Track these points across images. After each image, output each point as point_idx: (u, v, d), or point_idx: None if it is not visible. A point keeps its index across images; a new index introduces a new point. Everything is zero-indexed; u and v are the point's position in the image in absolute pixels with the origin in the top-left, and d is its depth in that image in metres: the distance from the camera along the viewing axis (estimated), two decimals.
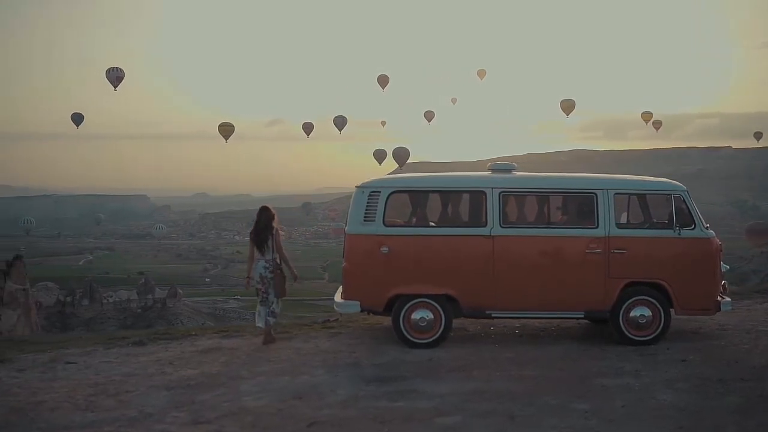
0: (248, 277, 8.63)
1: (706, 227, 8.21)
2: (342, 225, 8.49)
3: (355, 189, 8.39)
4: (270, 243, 8.53)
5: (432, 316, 8.07)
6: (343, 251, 8.41)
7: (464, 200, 8.62)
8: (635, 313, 8.03)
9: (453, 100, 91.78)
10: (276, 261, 8.57)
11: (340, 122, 66.01)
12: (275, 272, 8.52)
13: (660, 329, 8.06)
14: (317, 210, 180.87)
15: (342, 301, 8.32)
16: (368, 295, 8.15)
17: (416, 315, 8.07)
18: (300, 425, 5.66)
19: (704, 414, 5.79)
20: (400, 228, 8.30)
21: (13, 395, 6.56)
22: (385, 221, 8.16)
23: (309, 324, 9.74)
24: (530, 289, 8.07)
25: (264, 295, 8.51)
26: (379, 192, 8.21)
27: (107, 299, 67.28)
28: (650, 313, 8.04)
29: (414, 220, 8.52)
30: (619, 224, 8.18)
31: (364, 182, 8.46)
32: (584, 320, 8.78)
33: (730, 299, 8.39)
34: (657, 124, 79.38)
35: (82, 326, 53.37)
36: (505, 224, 8.11)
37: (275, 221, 8.64)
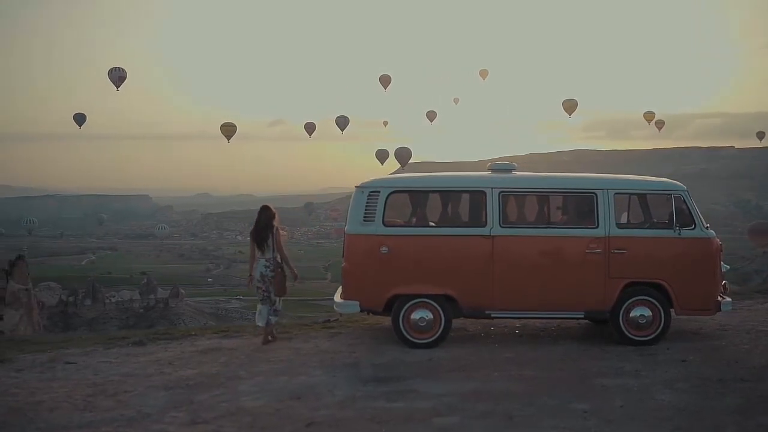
0: (251, 276, 8.64)
1: (707, 227, 8.18)
2: (344, 225, 8.48)
3: (355, 189, 8.37)
4: (270, 242, 8.52)
5: (432, 317, 8.06)
6: (343, 251, 8.41)
7: (464, 200, 8.60)
8: (635, 313, 8.01)
9: (455, 100, 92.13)
10: (276, 260, 8.57)
11: (343, 122, 65.99)
12: (276, 271, 8.52)
13: (660, 329, 8.05)
14: (319, 210, 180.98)
15: (342, 302, 8.31)
16: (368, 295, 8.14)
17: (416, 315, 8.06)
18: (298, 425, 5.65)
19: (703, 414, 5.77)
20: (400, 228, 8.28)
21: (12, 395, 6.56)
22: (385, 221, 8.15)
23: (309, 324, 9.73)
24: (530, 290, 8.05)
25: (265, 294, 8.52)
26: (379, 192, 8.20)
27: (110, 299, 67.43)
28: (650, 314, 8.02)
29: (414, 220, 8.51)
30: (619, 224, 8.16)
31: (364, 182, 8.44)
32: (584, 320, 8.76)
33: (731, 299, 8.38)
34: (659, 124, 79.24)
35: (85, 326, 53.47)
36: (505, 224, 8.09)
37: (276, 220, 8.64)
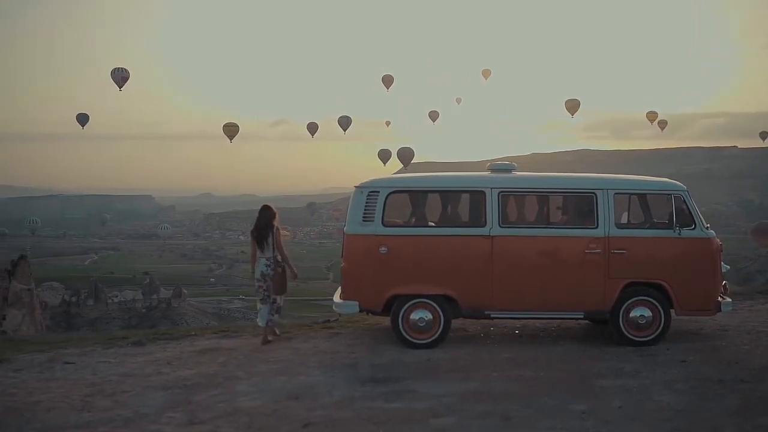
0: (254, 274, 8.63)
1: (707, 227, 8.15)
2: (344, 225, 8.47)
3: (354, 189, 8.36)
4: (270, 241, 8.53)
5: (431, 317, 8.04)
6: (342, 251, 8.39)
7: (463, 200, 8.57)
8: (635, 314, 7.98)
9: (458, 100, 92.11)
10: (277, 259, 8.57)
11: (345, 122, 65.99)
12: (276, 270, 8.51)
13: (660, 330, 8.02)
14: (322, 210, 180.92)
15: (341, 302, 8.29)
16: (367, 296, 8.12)
17: (415, 315, 8.04)
18: (295, 426, 5.64)
19: (702, 415, 5.75)
20: (399, 228, 8.26)
21: (10, 395, 6.55)
22: (384, 221, 8.13)
23: (309, 324, 9.73)
24: (530, 290, 8.02)
25: (265, 293, 8.51)
26: (378, 192, 8.18)
27: (112, 299, 67.45)
28: (650, 314, 7.99)
29: (413, 220, 8.49)
30: (619, 224, 8.13)
31: (363, 182, 8.42)
32: (584, 321, 8.74)
33: (731, 300, 8.35)
34: (662, 124, 79.17)
35: (87, 326, 53.46)
36: (505, 224, 8.07)
37: (276, 220, 8.65)
